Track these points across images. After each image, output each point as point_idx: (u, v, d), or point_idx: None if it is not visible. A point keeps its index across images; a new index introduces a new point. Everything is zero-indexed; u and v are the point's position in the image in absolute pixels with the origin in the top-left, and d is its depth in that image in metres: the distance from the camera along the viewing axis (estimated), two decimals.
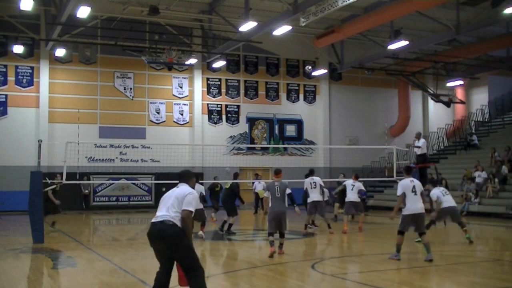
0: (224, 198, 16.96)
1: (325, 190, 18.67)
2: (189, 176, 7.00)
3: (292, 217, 17.49)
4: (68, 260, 11.71)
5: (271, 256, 11.18)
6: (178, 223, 6.46)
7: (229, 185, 17.10)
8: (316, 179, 16.30)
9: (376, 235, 16.91)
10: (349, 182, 17.36)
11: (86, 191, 26.55)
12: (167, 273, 6.57)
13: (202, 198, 15.02)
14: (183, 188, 6.75)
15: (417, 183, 11.31)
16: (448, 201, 14.15)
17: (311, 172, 16.85)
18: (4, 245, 14.04)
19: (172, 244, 6.40)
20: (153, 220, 6.60)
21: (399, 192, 11.21)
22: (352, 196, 16.97)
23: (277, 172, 11.98)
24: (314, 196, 16.11)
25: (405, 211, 11.15)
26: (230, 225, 16.29)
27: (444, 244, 15.33)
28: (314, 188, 16.10)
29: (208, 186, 21.01)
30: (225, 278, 9.61)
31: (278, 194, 11.52)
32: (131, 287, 8.77)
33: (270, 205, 11.56)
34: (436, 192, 14.22)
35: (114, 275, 9.97)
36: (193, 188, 6.90)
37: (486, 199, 23.24)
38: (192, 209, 6.55)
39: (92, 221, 23.19)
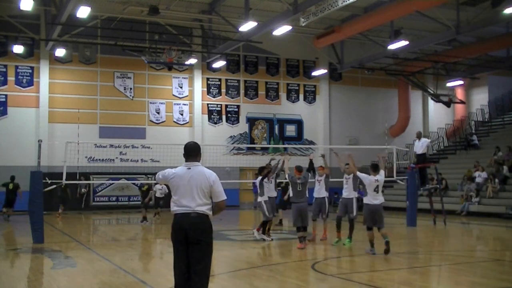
0: None
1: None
2: (199, 151, 6.28)
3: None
4: (68, 260, 11.70)
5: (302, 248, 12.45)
6: (210, 215, 6.03)
7: None
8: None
9: (376, 235, 16.87)
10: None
11: (83, 190, 26.53)
12: (187, 275, 5.96)
13: None
14: (202, 173, 6.06)
15: (381, 181, 11.68)
16: None
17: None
18: (4, 245, 14.04)
19: (202, 239, 5.91)
20: (181, 211, 5.95)
21: (360, 176, 11.96)
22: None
23: (300, 169, 12.97)
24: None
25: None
26: None
27: (444, 244, 15.35)
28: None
29: None
30: (225, 278, 9.60)
31: (299, 188, 12.78)
32: (131, 287, 8.76)
33: (291, 195, 13.11)
34: None
35: (114, 275, 9.96)
36: None
37: (486, 199, 23.25)
38: (225, 197, 6.09)
39: (92, 221, 23.19)
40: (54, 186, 15.37)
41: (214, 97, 30.47)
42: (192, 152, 6.21)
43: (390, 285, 8.69)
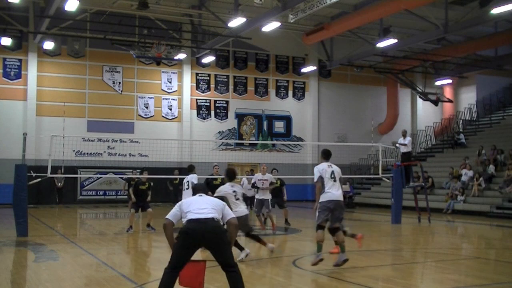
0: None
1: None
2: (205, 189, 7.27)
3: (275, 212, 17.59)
4: (51, 254, 11.70)
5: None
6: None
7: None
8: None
9: (361, 232, 16.93)
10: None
11: (60, 184, 26.43)
12: (176, 273, 6.49)
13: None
14: (212, 198, 6.97)
15: (336, 168, 9.71)
16: None
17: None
18: None
19: (222, 241, 6.50)
20: (198, 217, 6.50)
21: (316, 178, 9.61)
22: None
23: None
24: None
25: (324, 198, 9.50)
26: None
27: (428, 241, 15.48)
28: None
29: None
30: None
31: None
32: (112, 281, 8.76)
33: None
34: None
35: (96, 269, 9.99)
36: None
37: (471, 197, 23.42)
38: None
39: (79, 215, 23.15)
40: (39, 179, 15.33)
41: (203, 92, 30.47)
42: (200, 190, 7.15)
43: (370, 282, 8.75)
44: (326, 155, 9.93)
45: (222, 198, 9.97)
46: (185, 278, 6.56)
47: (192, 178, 14.08)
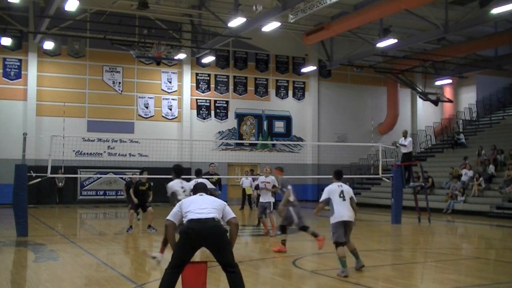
0: None
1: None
2: (205, 188, 7.16)
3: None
4: (51, 254, 11.70)
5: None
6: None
7: None
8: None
9: (361, 232, 16.97)
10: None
11: (60, 184, 26.43)
12: (179, 274, 6.45)
13: None
14: (213, 198, 6.89)
15: (346, 188, 9.62)
16: None
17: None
18: None
19: (223, 241, 6.46)
20: (198, 217, 6.45)
21: (322, 198, 9.64)
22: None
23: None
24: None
25: (333, 219, 9.49)
26: None
27: (428, 241, 15.48)
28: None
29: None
30: None
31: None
32: (112, 281, 8.77)
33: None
34: None
35: (96, 269, 9.99)
36: None
37: (471, 197, 23.42)
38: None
39: (79, 215, 23.14)
40: (39, 179, 15.33)
41: (203, 92, 30.47)
42: (201, 189, 7.06)
43: (370, 282, 8.75)
44: (337, 175, 9.84)
45: (173, 194, 10.30)
46: (187, 280, 6.56)
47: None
